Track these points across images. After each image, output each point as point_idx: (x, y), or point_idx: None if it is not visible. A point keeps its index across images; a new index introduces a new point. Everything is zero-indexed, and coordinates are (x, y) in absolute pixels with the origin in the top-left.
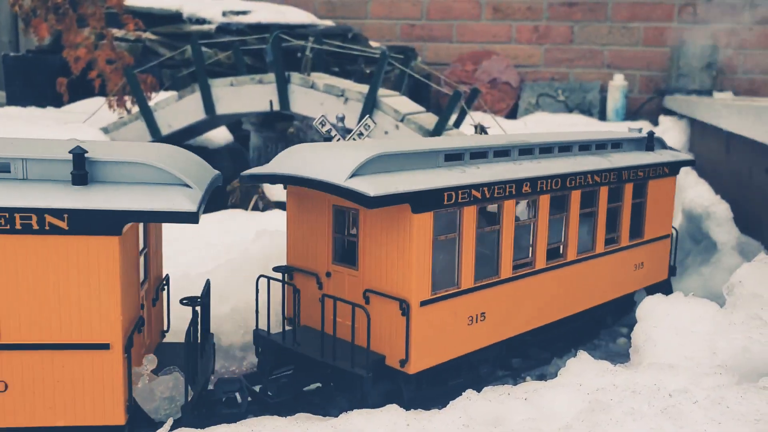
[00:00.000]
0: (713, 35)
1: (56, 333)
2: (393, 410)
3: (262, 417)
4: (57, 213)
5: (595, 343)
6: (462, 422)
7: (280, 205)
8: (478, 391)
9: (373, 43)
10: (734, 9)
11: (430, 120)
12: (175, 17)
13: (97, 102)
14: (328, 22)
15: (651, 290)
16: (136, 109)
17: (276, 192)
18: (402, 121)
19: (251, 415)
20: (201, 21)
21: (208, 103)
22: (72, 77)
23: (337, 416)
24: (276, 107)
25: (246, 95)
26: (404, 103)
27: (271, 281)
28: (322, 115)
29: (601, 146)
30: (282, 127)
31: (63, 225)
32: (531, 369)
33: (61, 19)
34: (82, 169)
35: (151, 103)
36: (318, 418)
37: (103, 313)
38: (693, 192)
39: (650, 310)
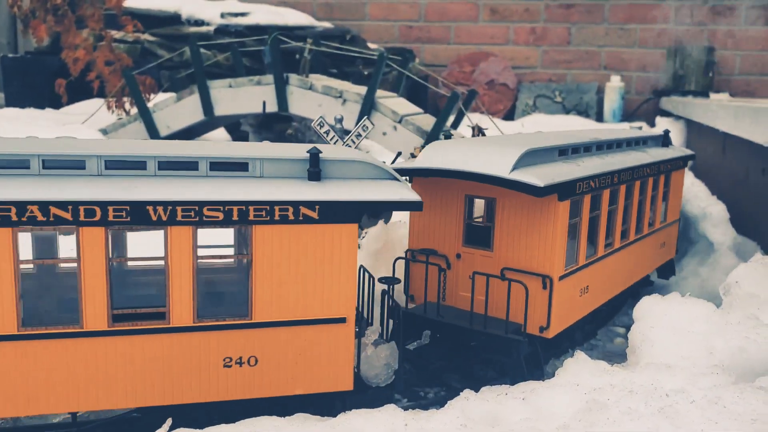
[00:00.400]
0: (710, 37)
1: (301, 310)
2: (391, 410)
3: (260, 417)
4: (310, 205)
5: (592, 343)
6: (460, 422)
7: None
8: (476, 390)
9: (371, 45)
10: (731, 10)
11: (427, 121)
12: (173, 19)
13: (96, 103)
14: (327, 24)
15: (665, 266)
16: (134, 110)
17: None
18: (400, 122)
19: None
20: (199, 22)
21: (207, 105)
22: (71, 78)
23: (335, 416)
24: (272, 108)
25: (244, 96)
26: (402, 105)
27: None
28: (321, 117)
29: (638, 143)
30: (280, 129)
31: (314, 215)
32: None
33: (60, 21)
34: (317, 167)
35: (149, 105)
36: (317, 418)
37: (342, 291)
38: (690, 193)
39: (647, 310)
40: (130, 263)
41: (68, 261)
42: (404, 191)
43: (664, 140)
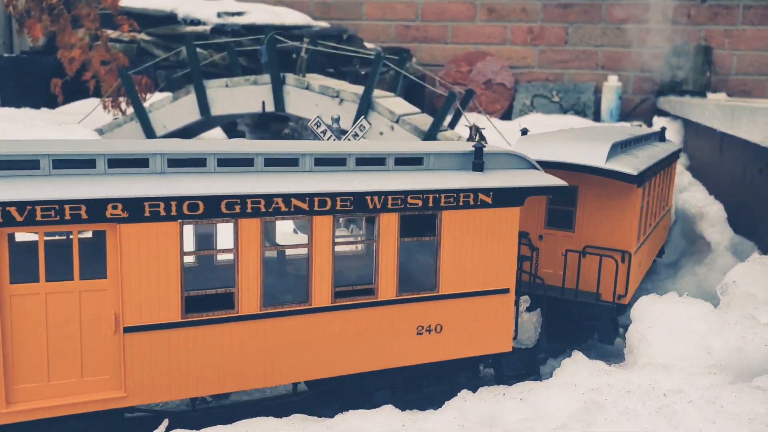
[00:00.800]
0: (707, 37)
1: (476, 283)
2: (388, 410)
3: (257, 418)
4: (486, 191)
5: (589, 343)
6: (458, 422)
7: None
8: (474, 391)
9: (368, 45)
10: (728, 10)
11: (425, 121)
12: (169, 18)
13: (92, 103)
14: (323, 23)
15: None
16: (130, 110)
17: None
18: (397, 122)
19: None
20: (196, 22)
21: (203, 104)
22: (66, 78)
23: (332, 417)
24: (269, 108)
25: (241, 96)
26: (399, 104)
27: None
28: (318, 116)
29: (652, 138)
30: (277, 128)
31: (489, 200)
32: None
33: (56, 20)
34: (480, 159)
35: (145, 104)
36: (314, 419)
37: (507, 265)
38: (687, 193)
39: (645, 310)
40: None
41: (300, 247)
42: (552, 178)
43: (661, 136)
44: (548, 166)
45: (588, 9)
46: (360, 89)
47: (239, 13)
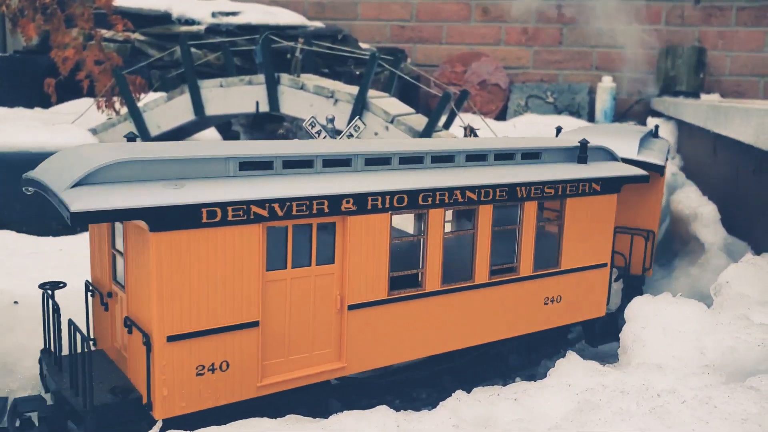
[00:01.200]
0: (701, 38)
1: (586, 259)
2: (383, 411)
3: (252, 419)
4: (597, 181)
5: (584, 343)
6: (452, 423)
7: None
8: (468, 391)
9: (362, 45)
10: (722, 11)
11: (419, 121)
12: (164, 18)
13: (86, 103)
14: (318, 24)
15: None
16: (124, 110)
17: None
18: (392, 122)
19: None
20: (190, 22)
21: (198, 104)
22: (60, 78)
23: (327, 418)
24: (263, 108)
25: (235, 96)
26: (394, 105)
27: None
28: (312, 117)
29: (647, 135)
30: (271, 129)
31: (598, 188)
32: (521, 369)
33: (49, 20)
34: (585, 153)
35: (140, 104)
36: (308, 420)
37: (606, 243)
38: (681, 193)
39: (638, 310)
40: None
41: (466, 232)
42: (634, 169)
43: (655, 133)
44: None
45: (582, 10)
46: (355, 89)
47: (234, 13)
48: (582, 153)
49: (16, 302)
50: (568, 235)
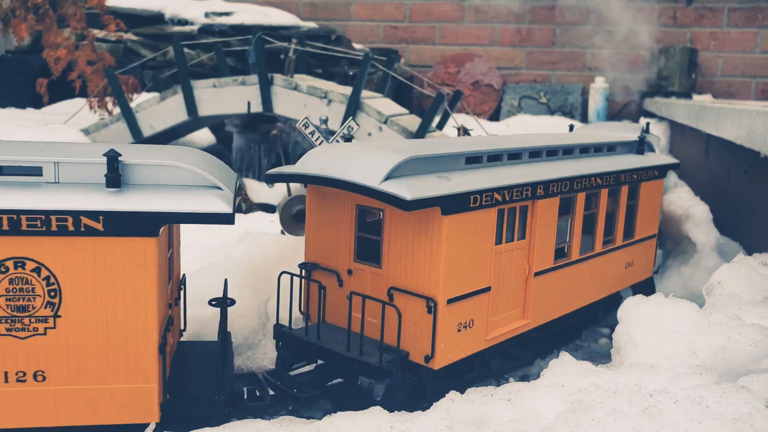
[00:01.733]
0: (693, 38)
1: (647, 230)
2: (376, 412)
3: (245, 420)
4: (657, 168)
5: (577, 344)
6: (445, 424)
7: (263, 207)
8: (462, 392)
9: (356, 45)
10: (713, 12)
11: (413, 122)
12: (157, 18)
13: (78, 103)
14: (312, 24)
15: None
16: (117, 110)
17: (259, 194)
18: (385, 123)
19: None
20: (183, 22)
21: (191, 105)
22: (52, 78)
23: (320, 419)
24: (256, 109)
25: (228, 97)
26: (387, 105)
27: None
28: (306, 117)
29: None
30: (265, 129)
31: (656, 174)
32: (514, 370)
33: (41, 20)
34: (643, 145)
35: (132, 105)
36: (302, 421)
37: (656, 218)
38: (673, 194)
39: (631, 311)
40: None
41: (592, 211)
42: (669, 158)
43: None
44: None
45: (575, 11)
46: (348, 90)
47: (227, 14)
48: (641, 146)
49: None
50: (641, 211)
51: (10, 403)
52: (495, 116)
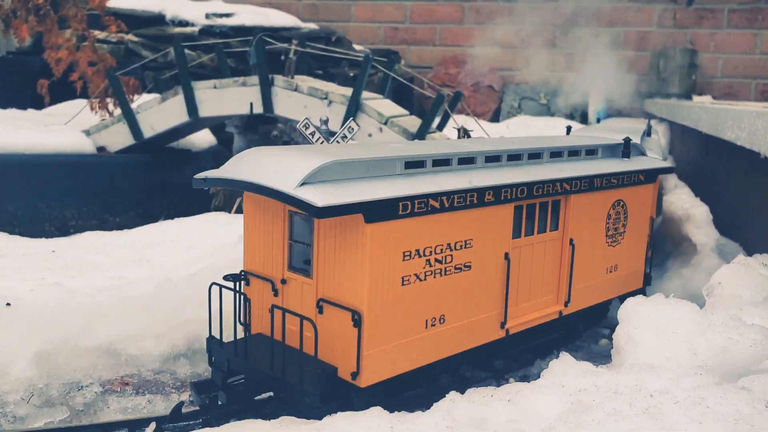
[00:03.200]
0: (693, 40)
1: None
2: (377, 412)
3: (246, 420)
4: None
5: (577, 344)
6: (446, 424)
7: None
8: (462, 392)
9: (356, 46)
10: (713, 14)
11: (413, 123)
12: (157, 19)
13: (79, 104)
14: (312, 25)
15: None
16: (118, 111)
17: None
18: (385, 123)
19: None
20: (184, 23)
21: (191, 106)
22: (53, 79)
23: (321, 419)
24: (257, 110)
25: (229, 98)
26: (388, 106)
27: None
28: (306, 118)
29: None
30: (265, 130)
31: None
32: (514, 370)
33: (42, 21)
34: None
35: (133, 106)
36: (302, 421)
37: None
38: (673, 194)
39: (631, 311)
40: None
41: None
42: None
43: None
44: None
45: (575, 12)
46: (348, 91)
47: (228, 15)
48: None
49: (8, 304)
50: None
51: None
52: (495, 117)
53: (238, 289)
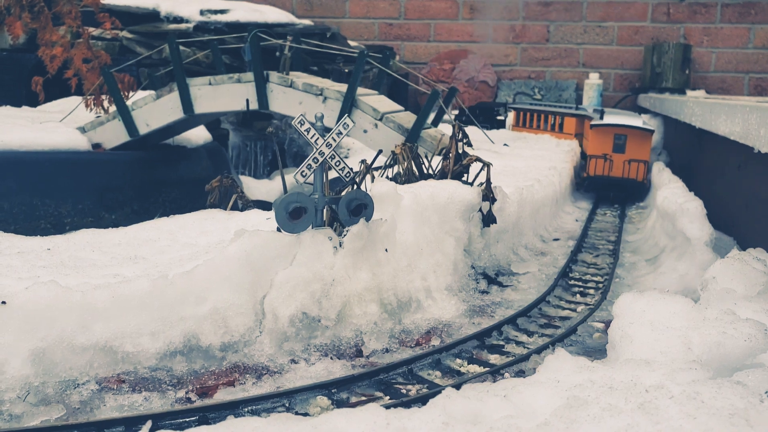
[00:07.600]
0: (686, 34)
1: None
2: (373, 409)
3: (242, 418)
4: None
5: (572, 339)
6: (441, 420)
7: (259, 205)
8: (458, 388)
9: (351, 42)
10: (707, 8)
11: (408, 119)
12: (152, 16)
13: (74, 101)
14: (307, 21)
15: None
16: (113, 108)
17: (256, 191)
18: (381, 120)
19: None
20: (179, 20)
21: (187, 102)
22: (48, 76)
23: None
24: (253, 106)
25: (224, 94)
26: (383, 102)
27: None
28: (301, 115)
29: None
30: (261, 126)
31: None
32: (510, 365)
33: (36, 18)
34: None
35: (128, 102)
36: (298, 418)
37: None
38: (667, 189)
39: (626, 306)
40: None
41: None
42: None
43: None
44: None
45: (569, 7)
46: (344, 87)
47: (222, 11)
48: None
49: (3, 302)
50: None
51: None
52: None
53: None
